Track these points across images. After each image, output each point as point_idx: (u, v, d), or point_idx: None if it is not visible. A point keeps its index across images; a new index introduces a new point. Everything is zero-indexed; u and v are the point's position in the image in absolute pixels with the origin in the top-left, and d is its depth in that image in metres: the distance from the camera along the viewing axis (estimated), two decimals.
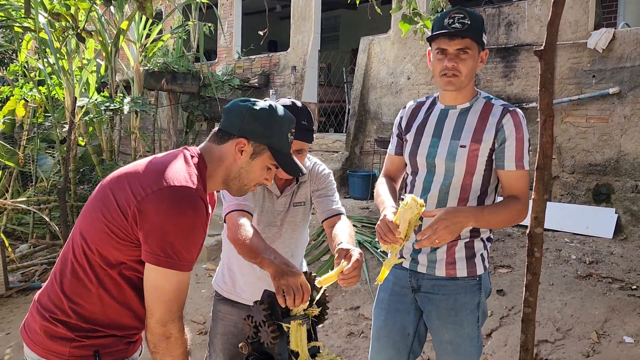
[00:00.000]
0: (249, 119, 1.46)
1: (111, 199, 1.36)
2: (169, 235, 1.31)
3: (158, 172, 1.36)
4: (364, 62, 7.43)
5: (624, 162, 5.07)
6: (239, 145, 1.45)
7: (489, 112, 1.86)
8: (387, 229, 1.68)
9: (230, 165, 1.48)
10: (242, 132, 1.45)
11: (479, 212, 1.76)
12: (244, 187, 1.52)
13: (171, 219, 1.31)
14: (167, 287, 1.35)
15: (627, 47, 5.05)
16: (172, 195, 1.32)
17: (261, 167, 1.50)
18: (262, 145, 1.47)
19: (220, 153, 1.48)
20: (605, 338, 3.40)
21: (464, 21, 1.78)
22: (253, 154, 1.47)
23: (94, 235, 1.38)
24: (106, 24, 6.59)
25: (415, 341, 2.01)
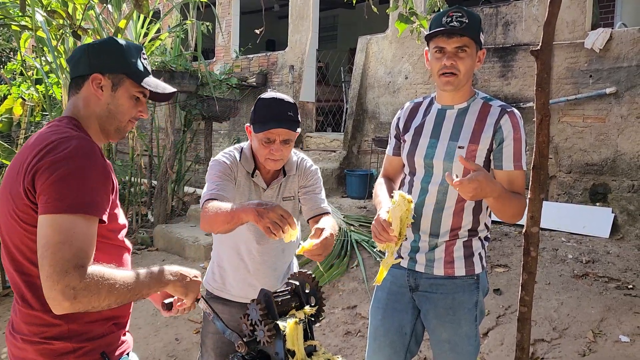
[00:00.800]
0: (93, 55, 1.40)
1: (11, 184, 1.30)
2: (57, 182, 1.20)
3: (40, 141, 1.29)
4: (361, 62, 7.44)
5: (621, 161, 5.08)
6: (96, 82, 1.39)
7: (486, 113, 1.87)
8: (381, 228, 1.70)
9: (96, 106, 1.40)
10: (93, 68, 1.39)
11: (504, 192, 1.70)
12: (120, 125, 1.44)
13: (58, 167, 1.21)
14: (48, 233, 1.17)
15: (624, 47, 5.06)
16: (67, 150, 1.24)
17: (127, 96, 1.42)
18: (119, 75, 1.40)
19: (83, 100, 1.41)
20: (601, 337, 3.41)
21: (462, 20, 1.79)
22: (113, 86, 1.40)
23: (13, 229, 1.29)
24: (104, 22, 6.57)
25: (413, 340, 2.01)
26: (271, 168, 2.04)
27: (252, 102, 9.48)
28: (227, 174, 2.02)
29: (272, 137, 1.93)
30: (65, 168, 1.21)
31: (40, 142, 1.28)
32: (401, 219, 1.70)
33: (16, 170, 1.29)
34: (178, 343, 4.00)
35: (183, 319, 4.30)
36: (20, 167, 1.27)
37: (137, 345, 4.26)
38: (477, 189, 1.60)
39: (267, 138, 1.94)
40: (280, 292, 1.71)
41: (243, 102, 9.22)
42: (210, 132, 7.77)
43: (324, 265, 4.87)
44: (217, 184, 1.96)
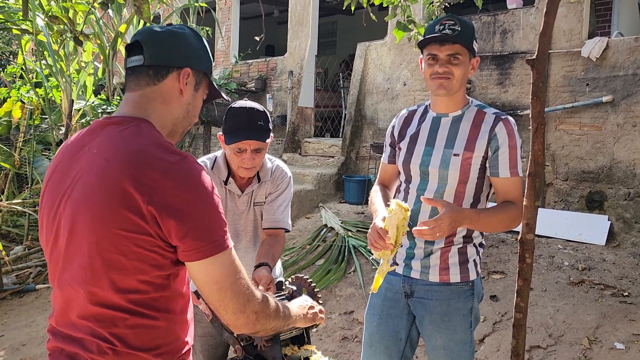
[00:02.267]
0: (183, 44, 1.20)
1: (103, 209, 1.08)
2: (206, 220, 1.10)
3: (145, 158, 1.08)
4: (360, 68, 7.47)
5: (617, 169, 5.11)
6: (184, 77, 1.20)
7: (481, 121, 1.89)
8: (377, 236, 1.72)
9: (177, 105, 1.21)
10: (183, 61, 1.19)
11: (477, 215, 1.79)
12: (188, 128, 1.28)
13: (199, 201, 1.09)
14: (223, 272, 1.11)
15: (621, 56, 5.11)
16: (191, 180, 1.09)
17: (201, 98, 1.27)
18: (201, 73, 1.25)
19: (162, 95, 1.18)
20: (596, 344, 3.43)
21: (455, 27, 1.81)
22: (197, 85, 1.24)
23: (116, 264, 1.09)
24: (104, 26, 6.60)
25: (408, 346, 2.02)
26: (244, 176, 2.08)
27: None
28: None
29: (243, 147, 1.96)
30: (198, 202, 1.08)
31: (147, 160, 1.07)
32: (397, 227, 1.71)
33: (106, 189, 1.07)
34: None
35: None
36: (116, 188, 1.05)
37: None
38: (451, 225, 1.67)
39: (239, 148, 1.96)
40: (277, 296, 1.72)
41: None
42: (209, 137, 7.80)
43: (321, 270, 4.88)
44: None
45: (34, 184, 6.55)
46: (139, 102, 1.18)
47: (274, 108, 8.75)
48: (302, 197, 6.61)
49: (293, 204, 6.48)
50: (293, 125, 8.32)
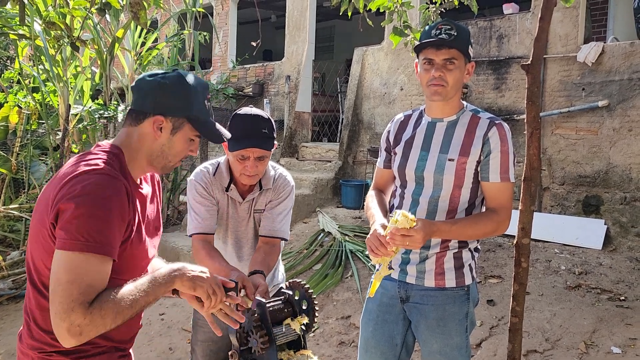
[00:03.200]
0: (161, 94, 1.38)
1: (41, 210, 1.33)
2: (75, 218, 1.22)
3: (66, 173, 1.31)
4: (357, 73, 7.49)
5: (613, 174, 5.13)
6: (157, 123, 1.38)
7: (475, 125, 1.90)
8: (379, 243, 1.70)
9: (151, 145, 1.41)
10: (157, 109, 1.38)
11: (449, 227, 1.79)
12: (169, 164, 1.45)
13: (83, 201, 1.23)
14: (60, 269, 1.21)
15: (616, 60, 5.13)
16: (77, 183, 1.26)
17: (183, 140, 1.43)
18: (181, 119, 1.40)
19: (139, 135, 1.40)
20: (593, 348, 3.43)
21: (451, 32, 1.82)
22: (173, 129, 1.40)
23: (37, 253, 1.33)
24: (102, 32, 6.61)
25: (403, 351, 2.02)
26: (246, 183, 2.07)
27: None
28: (205, 197, 2.09)
29: (247, 154, 1.96)
30: (82, 205, 1.23)
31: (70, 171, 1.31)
32: None
33: (47, 196, 1.32)
34: (172, 352, 3.99)
35: (177, 328, 4.29)
36: (50, 194, 1.30)
37: None
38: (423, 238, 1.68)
39: (242, 155, 1.97)
40: (273, 301, 1.73)
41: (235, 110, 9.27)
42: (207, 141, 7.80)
43: (318, 275, 4.88)
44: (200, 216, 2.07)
45: (30, 189, 6.54)
46: (121, 135, 1.42)
47: (272, 113, 8.76)
48: (300, 202, 6.61)
49: None
50: (290, 129, 8.33)
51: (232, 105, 8.85)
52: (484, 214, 1.88)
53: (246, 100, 9.13)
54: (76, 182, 1.26)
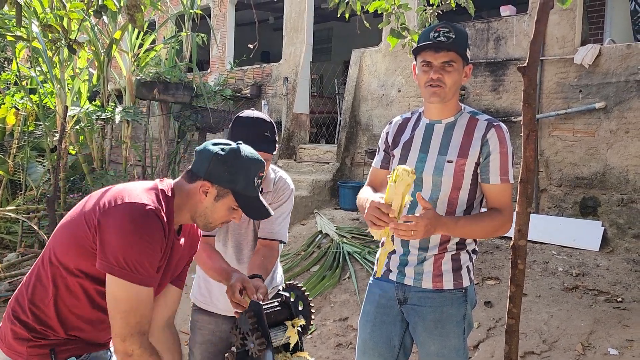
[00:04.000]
0: (214, 164, 1.54)
1: (81, 212, 1.49)
2: (124, 247, 1.38)
3: (122, 191, 1.47)
4: (355, 74, 7.50)
5: (610, 175, 5.14)
6: (204, 188, 1.54)
7: (474, 127, 1.90)
8: (380, 212, 1.67)
9: (196, 204, 1.57)
10: (208, 176, 1.54)
11: (454, 223, 1.80)
12: (210, 224, 1.60)
13: (126, 232, 1.39)
14: (121, 298, 1.40)
15: (613, 62, 5.15)
16: (129, 211, 1.42)
17: (225, 208, 1.57)
18: (226, 190, 1.55)
19: (189, 191, 1.57)
20: (590, 350, 3.44)
21: (449, 35, 1.83)
22: (217, 197, 1.55)
23: (60, 242, 1.49)
24: (99, 33, 6.61)
25: (401, 353, 2.02)
26: None
27: None
28: None
29: None
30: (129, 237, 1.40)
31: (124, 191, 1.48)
32: (402, 195, 1.66)
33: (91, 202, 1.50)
34: None
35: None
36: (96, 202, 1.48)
37: None
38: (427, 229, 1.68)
39: None
40: (270, 303, 1.73)
41: (237, 113, 9.26)
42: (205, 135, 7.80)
43: (316, 277, 4.88)
44: None
45: (27, 191, 6.52)
46: (178, 182, 1.61)
47: (269, 114, 8.76)
48: (297, 204, 6.61)
49: None
50: (288, 131, 8.33)
51: (230, 107, 8.85)
52: (488, 212, 1.88)
53: (244, 102, 9.13)
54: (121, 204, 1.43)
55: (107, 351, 1.66)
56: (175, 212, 1.57)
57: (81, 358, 1.56)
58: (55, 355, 1.50)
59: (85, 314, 1.52)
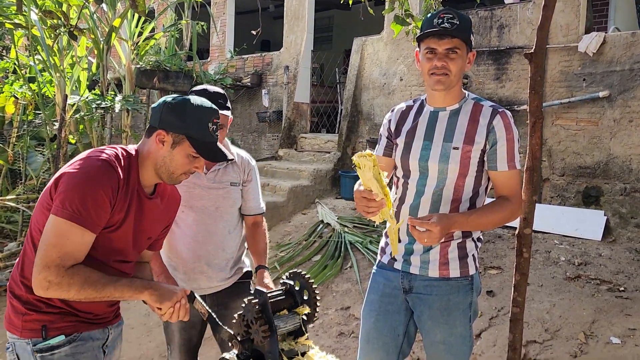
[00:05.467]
0: (165, 112, 1.60)
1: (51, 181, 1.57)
2: (68, 190, 1.47)
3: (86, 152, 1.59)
4: (356, 63, 7.45)
5: (613, 165, 5.12)
6: (159, 137, 1.60)
7: (478, 114, 1.88)
8: (365, 200, 1.66)
9: (155, 155, 1.62)
10: (161, 124, 1.60)
11: (465, 219, 1.81)
12: (172, 175, 1.64)
13: (73, 177, 1.48)
14: (51, 231, 1.45)
15: (617, 51, 5.10)
16: (83, 162, 1.53)
17: (183, 155, 1.61)
18: (180, 135, 1.60)
19: (149, 145, 1.64)
20: (592, 339, 3.43)
21: (453, 21, 1.80)
22: (173, 144, 1.60)
23: (35, 212, 1.58)
24: (98, 21, 6.55)
25: (405, 342, 2.02)
26: None
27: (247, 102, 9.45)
28: None
29: None
30: (74, 179, 1.48)
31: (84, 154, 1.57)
32: (375, 178, 1.63)
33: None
34: None
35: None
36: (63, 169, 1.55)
37: (129, 345, 4.25)
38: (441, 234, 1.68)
39: None
40: (274, 292, 1.71)
41: (237, 102, 9.21)
42: None
43: (317, 266, 4.87)
44: None
45: (27, 180, 6.50)
46: (140, 143, 1.68)
47: (270, 103, 8.72)
48: (298, 193, 6.59)
49: (289, 200, 6.48)
50: (289, 120, 8.29)
51: (230, 96, 8.80)
52: (497, 202, 1.87)
53: (244, 91, 9.07)
54: (78, 160, 1.53)
55: (103, 329, 1.70)
56: (140, 168, 1.63)
57: (71, 337, 1.59)
58: (46, 331, 1.56)
59: None
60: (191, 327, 2.35)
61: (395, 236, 1.80)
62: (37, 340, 1.56)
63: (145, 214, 1.67)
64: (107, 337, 1.71)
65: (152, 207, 1.69)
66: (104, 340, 1.70)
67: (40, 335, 1.56)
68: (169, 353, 2.44)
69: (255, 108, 9.01)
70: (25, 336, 1.57)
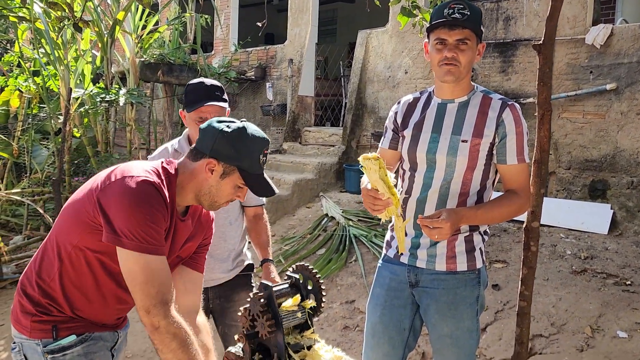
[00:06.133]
0: (220, 141, 1.52)
1: (84, 189, 1.52)
2: (126, 218, 1.38)
3: (123, 168, 1.49)
4: (361, 56, 7.40)
5: (620, 158, 5.08)
6: (210, 165, 1.53)
7: (488, 106, 1.86)
8: (372, 199, 1.66)
9: (201, 182, 1.55)
10: (213, 153, 1.52)
11: (474, 213, 1.79)
12: (215, 203, 1.59)
13: (126, 204, 1.39)
14: (136, 269, 1.40)
15: (625, 43, 5.05)
16: (127, 183, 1.42)
17: (231, 186, 1.56)
18: (232, 167, 1.53)
19: (193, 169, 1.56)
20: (599, 333, 3.42)
21: (464, 12, 1.77)
22: (223, 174, 1.54)
23: (65, 219, 1.53)
24: (102, 14, 6.53)
25: (411, 335, 2.01)
26: None
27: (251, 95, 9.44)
28: None
29: (204, 115, 2.13)
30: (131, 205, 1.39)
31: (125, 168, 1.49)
32: (381, 179, 1.63)
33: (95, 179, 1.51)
34: None
35: None
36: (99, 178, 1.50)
37: (135, 338, 4.24)
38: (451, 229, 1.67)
39: (200, 117, 2.13)
40: (280, 285, 1.70)
41: (242, 95, 9.19)
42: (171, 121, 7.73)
43: (322, 260, 4.86)
44: None
45: (32, 173, 6.51)
46: (182, 161, 1.60)
47: (274, 97, 8.69)
48: (303, 186, 6.58)
49: (294, 193, 6.47)
50: (293, 114, 8.27)
51: (234, 90, 8.78)
52: (506, 195, 1.86)
53: (248, 84, 9.05)
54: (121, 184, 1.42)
55: (114, 332, 1.67)
56: (178, 190, 1.56)
57: (82, 336, 1.56)
58: (57, 331, 1.52)
59: (90, 291, 1.53)
60: None
61: (402, 234, 1.79)
62: (48, 341, 1.52)
63: (178, 236, 1.61)
64: (116, 340, 1.70)
65: (184, 228, 1.63)
66: (114, 343, 1.68)
67: (51, 336, 1.52)
68: None
69: (260, 101, 8.99)
70: (35, 337, 1.53)
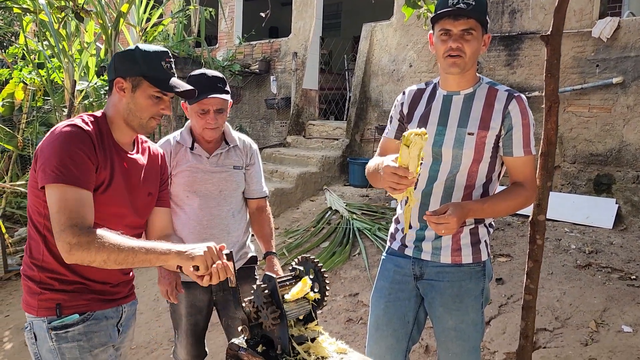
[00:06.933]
0: (117, 60, 1.66)
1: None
2: (48, 157, 1.51)
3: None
4: (365, 49, 7.37)
5: (626, 152, 5.05)
6: (118, 85, 1.65)
7: (494, 98, 1.84)
8: (398, 177, 1.58)
9: (120, 106, 1.66)
10: (117, 73, 1.65)
11: (480, 206, 1.78)
12: (141, 121, 1.67)
13: (49, 145, 1.53)
14: (52, 201, 1.50)
15: (632, 36, 5.00)
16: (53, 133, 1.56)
17: (145, 96, 1.65)
18: (137, 77, 1.63)
19: (112, 100, 1.68)
20: (603, 327, 3.41)
21: (469, 1, 1.75)
22: (133, 88, 1.64)
23: (29, 196, 1.63)
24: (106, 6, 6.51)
25: (415, 328, 2.00)
26: (210, 137, 2.26)
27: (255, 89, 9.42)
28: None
29: (206, 107, 2.17)
30: (49, 147, 1.53)
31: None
32: (418, 157, 1.58)
33: None
34: None
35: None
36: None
37: (139, 330, 4.27)
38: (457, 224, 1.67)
39: (202, 109, 2.17)
40: (284, 277, 1.70)
41: (246, 88, 9.17)
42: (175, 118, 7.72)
43: (326, 253, 4.87)
44: None
45: None
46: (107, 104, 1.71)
47: (278, 90, 8.67)
48: (307, 180, 6.58)
49: (297, 187, 6.47)
50: (297, 107, 8.25)
51: (238, 83, 8.76)
52: (512, 188, 1.85)
53: (252, 78, 9.03)
54: (49, 134, 1.58)
55: (117, 308, 1.74)
56: (112, 126, 1.67)
57: (84, 315, 1.64)
58: (60, 310, 1.61)
59: None
60: (197, 312, 2.37)
61: (408, 214, 1.77)
62: (52, 319, 1.61)
63: (131, 170, 1.70)
64: (121, 315, 1.76)
65: (136, 162, 1.72)
66: (118, 318, 1.75)
67: (55, 314, 1.61)
68: (177, 338, 2.47)
69: (264, 95, 8.97)
70: (41, 315, 1.62)
